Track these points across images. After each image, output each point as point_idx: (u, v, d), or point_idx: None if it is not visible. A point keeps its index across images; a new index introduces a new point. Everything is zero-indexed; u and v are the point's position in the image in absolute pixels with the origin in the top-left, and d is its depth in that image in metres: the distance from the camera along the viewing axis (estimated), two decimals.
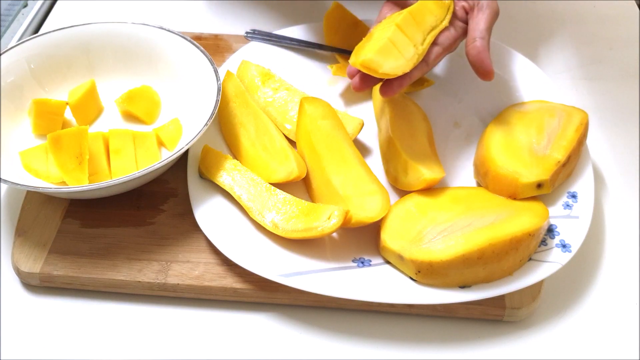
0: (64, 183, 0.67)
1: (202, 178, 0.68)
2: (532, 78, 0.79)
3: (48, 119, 0.72)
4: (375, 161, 0.72)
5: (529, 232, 0.60)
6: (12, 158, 0.69)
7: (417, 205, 0.64)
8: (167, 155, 0.64)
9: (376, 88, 0.77)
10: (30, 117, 0.72)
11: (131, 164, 0.69)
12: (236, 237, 0.63)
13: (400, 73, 0.64)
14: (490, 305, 0.61)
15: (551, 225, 0.64)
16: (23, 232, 0.66)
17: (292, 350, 0.60)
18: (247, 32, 0.86)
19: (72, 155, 0.66)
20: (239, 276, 0.62)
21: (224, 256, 0.62)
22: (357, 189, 0.65)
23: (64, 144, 0.66)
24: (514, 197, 0.65)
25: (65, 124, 0.74)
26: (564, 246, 0.62)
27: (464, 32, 0.70)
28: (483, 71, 0.67)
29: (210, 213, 0.65)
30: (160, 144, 0.72)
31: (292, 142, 0.72)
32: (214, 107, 0.67)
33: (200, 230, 0.64)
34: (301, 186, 0.69)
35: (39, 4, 0.97)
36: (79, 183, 0.65)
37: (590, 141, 0.71)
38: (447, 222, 0.61)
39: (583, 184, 0.67)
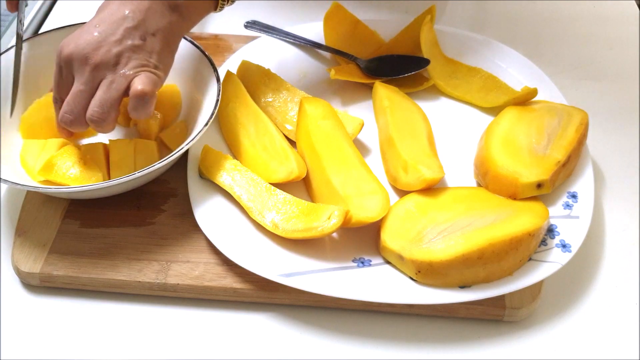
0: (47, 182, 0.67)
1: (202, 178, 0.68)
2: (532, 78, 0.79)
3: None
4: (375, 161, 0.72)
5: (529, 232, 0.60)
6: (12, 158, 0.69)
7: (417, 205, 0.64)
8: (167, 155, 0.64)
9: (376, 88, 0.77)
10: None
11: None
12: (236, 237, 0.63)
13: None
14: (490, 305, 0.61)
15: (551, 225, 0.64)
16: (23, 232, 0.66)
17: (292, 350, 0.60)
18: (246, 22, 0.86)
19: (74, 163, 0.66)
20: (239, 276, 0.62)
21: (224, 256, 0.62)
22: (357, 189, 0.65)
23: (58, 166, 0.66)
24: (514, 197, 0.65)
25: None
26: (564, 246, 0.62)
27: None
28: None
29: (210, 213, 0.65)
30: (165, 146, 0.72)
31: (292, 142, 0.72)
32: (214, 107, 0.67)
33: (200, 230, 0.64)
34: (301, 186, 0.69)
35: (39, 4, 0.97)
36: (94, 181, 0.65)
37: (590, 141, 0.71)
38: (447, 222, 0.61)
39: (583, 184, 0.67)
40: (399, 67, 0.81)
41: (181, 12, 0.66)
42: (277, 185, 0.66)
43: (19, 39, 0.72)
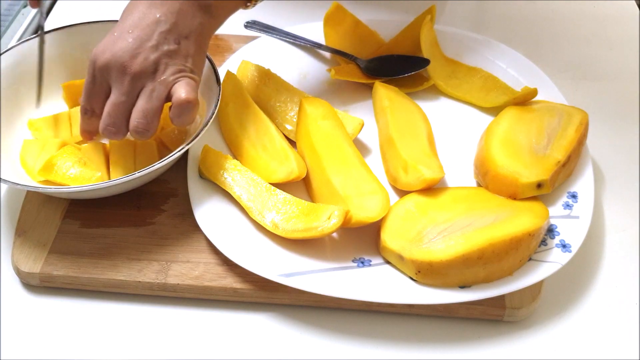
0: (47, 182, 0.67)
1: (202, 178, 0.68)
2: (532, 78, 0.79)
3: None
4: (375, 161, 0.72)
5: (529, 232, 0.60)
6: (12, 158, 0.69)
7: (417, 205, 0.64)
8: (167, 155, 0.64)
9: (376, 88, 0.77)
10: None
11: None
12: (236, 237, 0.63)
13: None
14: (490, 305, 0.61)
15: (551, 225, 0.64)
16: (23, 232, 0.66)
17: (292, 350, 0.60)
18: (246, 22, 0.87)
19: (74, 163, 0.66)
20: (239, 276, 0.62)
21: (224, 256, 0.62)
22: (357, 189, 0.65)
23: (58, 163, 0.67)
24: (514, 197, 0.65)
25: None
26: (564, 246, 0.62)
27: None
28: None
29: (210, 213, 0.65)
30: (165, 147, 0.72)
31: (292, 142, 0.72)
32: (214, 108, 0.67)
33: (200, 230, 0.64)
34: (301, 186, 0.69)
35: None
36: (94, 181, 0.65)
37: (590, 141, 0.71)
38: (447, 222, 0.61)
39: (583, 184, 0.67)
40: (399, 67, 0.81)
41: (211, 11, 0.65)
42: (277, 185, 0.66)
43: (42, 30, 0.72)
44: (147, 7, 0.64)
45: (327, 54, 0.84)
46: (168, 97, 0.63)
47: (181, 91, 0.62)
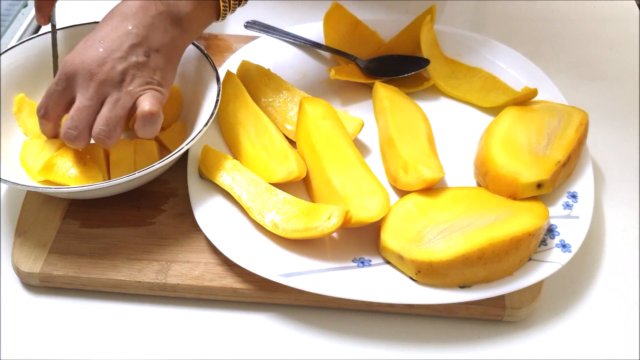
0: (47, 182, 0.67)
1: (202, 178, 0.68)
2: (532, 78, 0.79)
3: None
4: (375, 161, 0.73)
5: (529, 232, 0.60)
6: (12, 158, 0.69)
7: (417, 205, 0.64)
8: (167, 155, 0.64)
9: (376, 88, 0.77)
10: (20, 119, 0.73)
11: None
12: (236, 237, 0.63)
13: None
14: (490, 305, 0.61)
15: (551, 225, 0.64)
16: (23, 232, 0.66)
17: (292, 350, 0.60)
18: (247, 22, 0.87)
19: (74, 163, 0.66)
20: (239, 276, 0.62)
21: (224, 256, 0.62)
22: (357, 189, 0.65)
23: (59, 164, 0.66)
24: (514, 197, 0.65)
25: None
26: (564, 246, 0.62)
27: None
28: None
29: (210, 213, 0.65)
30: (164, 147, 0.72)
31: (292, 142, 0.72)
32: (214, 107, 0.67)
33: (200, 230, 0.64)
34: (301, 186, 0.69)
35: None
36: (94, 181, 0.65)
37: (590, 141, 0.72)
38: (447, 222, 0.61)
39: (583, 184, 0.68)
40: (399, 67, 0.81)
41: (184, 26, 0.66)
42: (277, 185, 0.66)
43: (53, 28, 0.74)
44: (121, 19, 0.64)
45: (327, 54, 0.84)
46: (133, 108, 0.63)
47: (145, 103, 0.62)
